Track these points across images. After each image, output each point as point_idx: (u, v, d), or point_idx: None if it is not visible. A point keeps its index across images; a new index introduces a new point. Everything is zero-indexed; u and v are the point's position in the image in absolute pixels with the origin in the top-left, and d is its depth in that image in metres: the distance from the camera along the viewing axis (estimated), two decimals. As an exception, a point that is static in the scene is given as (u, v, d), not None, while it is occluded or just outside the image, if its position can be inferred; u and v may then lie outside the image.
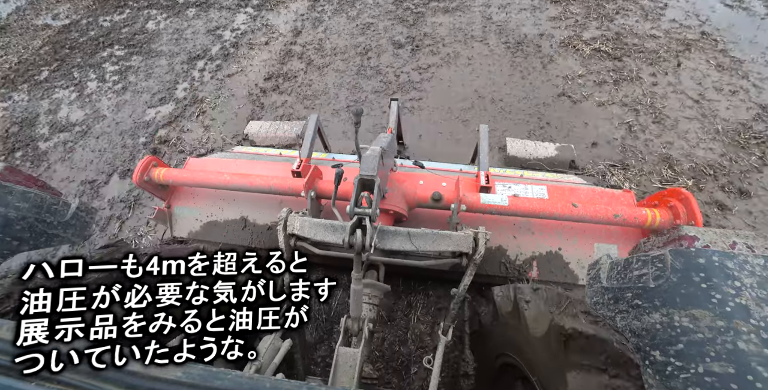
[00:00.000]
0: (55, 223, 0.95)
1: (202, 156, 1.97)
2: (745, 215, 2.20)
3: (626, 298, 0.61)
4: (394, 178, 1.52)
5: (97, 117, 3.42)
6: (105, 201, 2.79)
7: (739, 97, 2.83)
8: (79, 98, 3.62)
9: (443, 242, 1.16)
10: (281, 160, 1.91)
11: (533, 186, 1.68)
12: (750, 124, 2.64)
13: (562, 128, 2.78)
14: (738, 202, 2.26)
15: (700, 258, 0.53)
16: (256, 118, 3.16)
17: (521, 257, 1.58)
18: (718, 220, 2.21)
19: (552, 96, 3.01)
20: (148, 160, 1.64)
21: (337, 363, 1.13)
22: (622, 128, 2.74)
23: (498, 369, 1.35)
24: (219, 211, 1.78)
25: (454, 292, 1.30)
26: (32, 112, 3.54)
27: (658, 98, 2.88)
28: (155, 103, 3.45)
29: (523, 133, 2.76)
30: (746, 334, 0.45)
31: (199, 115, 3.28)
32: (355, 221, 1.06)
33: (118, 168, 2.99)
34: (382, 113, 2.99)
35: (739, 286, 0.49)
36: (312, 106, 3.16)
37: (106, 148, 3.16)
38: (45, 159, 3.15)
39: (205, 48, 3.96)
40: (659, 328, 0.53)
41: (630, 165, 2.52)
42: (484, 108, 2.99)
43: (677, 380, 0.47)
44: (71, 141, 3.26)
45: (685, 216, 1.32)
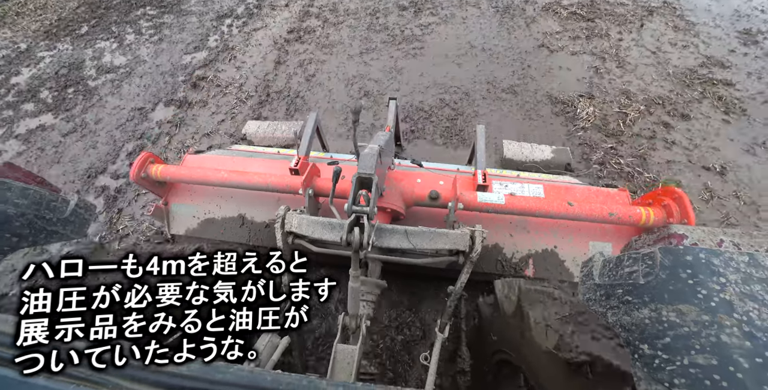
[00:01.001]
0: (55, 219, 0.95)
1: (200, 152, 1.97)
2: (684, 131, 2.86)
3: (617, 294, 0.63)
4: (391, 177, 1.53)
5: (139, 62, 3.93)
6: (154, 122, 3.30)
7: (689, 50, 3.51)
8: (119, 48, 4.15)
9: (440, 240, 1.17)
10: (279, 157, 1.92)
11: (530, 185, 1.70)
12: (696, 69, 3.30)
13: (540, 70, 3.39)
14: (680, 122, 2.91)
15: (687, 255, 0.54)
16: (282, 62, 3.71)
17: (517, 255, 1.60)
18: (662, 134, 2.85)
19: (533, 47, 3.64)
20: (145, 156, 1.63)
21: (335, 359, 1.15)
22: (590, 71, 3.37)
23: (495, 365, 1.36)
24: (216, 208, 1.78)
25: (451, 290, 1.32)
26: (78, 58, 4.04)
27: (622, 50, 3.54)
28: (190, 51, 4.00)
29: (508, 73, 3.36)
30: (729, 327, 0.47)
31: (231, 59, 3.83)
32: (352, 219, 1.07)
33: (162, 98, 3.50)
34: (390, 58, 3.64)
35: (724, 282, 0.51)
36: (330, 53, 3.76)
37: (150, 84, 3.66)
38: (96, 93, 3.63)
39: (231, 8, 4.58)
40: (648, 323, 0.54)
41: (595, 96, 3.14)
42: (475, 55, 3.58)
43: (664, 372, 0.49)
44: (117, 79, 3.76)
45: (678, 214, 1.34)
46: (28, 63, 4.04)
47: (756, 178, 2.55)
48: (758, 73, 3.19)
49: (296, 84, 3.47)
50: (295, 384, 0.53)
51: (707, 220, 2.36)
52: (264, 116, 3.24)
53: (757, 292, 0.49)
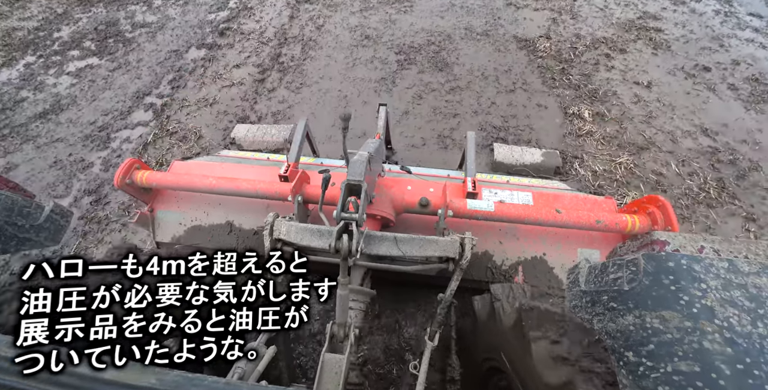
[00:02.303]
0: (27, 226, 0.91)
1: (188, 159, 1.95)
2: (621, 60, 3.68)
3: (602, 300, 0.63)
4: (381, 184, 1.53)
5: (168, 19, 4.59)
6: (189, 60, 3.95)
7: (630, 7, 4.42)
8: (149, 9, 4.80)
9: (430, 247, 1.17)
10: (268, 164, 1.90)
11: (519, 192, 1.72)
12: (634, 21, 4.21)
13: (508, 20, 4.27)
14: (618, 55, 3.76)
15: (669, 261, 0.55)
16: (295, 16, 4.47)
17: (507, 262, 1.60)
18: (604, 62, 3.69)
19: (503, 4, 4.53)
20: (130, 162, 1.60)
21: (322, 369, 1.12)
22: (549, 21, 4.24)
23: (484, 373, 1.35)
24: (204, 215, 1.75)
25: (441, 297, 1.31)
26: (113, 18, 4.66)
27: (576, 7, 4.47)
28: (213, 10, 4.69)
29: (482, 23, 4.21)
30: (711, 333, 0.47)
31: (251, 16, 4.55)
32: (341, 226, 1.06)
33: (193, 44, 4.16)
34: (385, 13, 4.42)
35: (705, 289, 0.51)
36: (334, 10, 4.54)
37: (181, 35, 4.31)
38: (134, 41, 4.25)
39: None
40: (632, 330, 0.54)
41: (552, 37, 3.99)
42: (455, 11, 4.43)
43: (648, 380, 0.49)
44: (151, 32, 4.39)
45: (662, 222, 1.37)
46: (67, 22, 4.61)
47: (674, 89, 3.39)
48: (683, 23, 4.14)
49: (308, 32, 4.23)
50: None
51: (636, 115, 3.17)
52: (283, 54, 3.93)
53: (737, 298, 0.50)
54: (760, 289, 0.51)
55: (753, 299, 0.51)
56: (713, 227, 2.43)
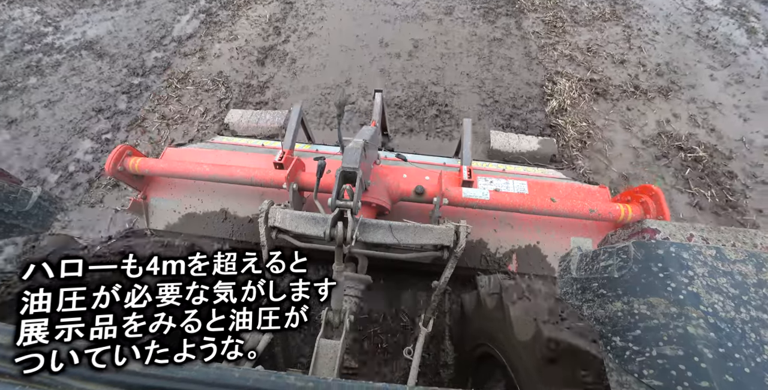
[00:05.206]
0: (15, 213, 0.89)
1: (181, 145, 1.91)
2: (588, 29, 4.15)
3: (592, 287, 0.64)
4: (377, 172, 1.52)
5: None
6: None
7: None
8: None
9: (425, 235, 1.17)
10: (263, 151, 1.88)
11: (514, 181, 1.72)
12: None
13: None
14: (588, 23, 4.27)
15: (659, 249, 0.56)
16: None
17: (501, 250, 1.62)
18: (569, 25, 4.17)
19: None
20: (121, 148, 1.57)
21: (317, 355, 1.14)
22: None
23: (477, 359, 1.39)
24: (198, 202, 1.74)
25: (435, 285, 1.32)
26: None
27: None
28: None
29: None
30: (696, 319, 0.48)
31: None
32: (336, 214, 1.06)
33: None
34: None
35: (692, 276, 0.52)
36: None
37: None
38: None
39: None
40: (620, 316, 0.55)
41: None
42: None
43: (634, 363, 0.51)
44: None
45: (654, 211, 1.39)
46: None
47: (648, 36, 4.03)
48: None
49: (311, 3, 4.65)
50: (263, 380, 0.52)
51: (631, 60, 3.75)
52: (291, 15, 4.21)
53: (722, 285, 0.51)
54: (744, 277, 0.53)
55: (737, 286, 0.52)
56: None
